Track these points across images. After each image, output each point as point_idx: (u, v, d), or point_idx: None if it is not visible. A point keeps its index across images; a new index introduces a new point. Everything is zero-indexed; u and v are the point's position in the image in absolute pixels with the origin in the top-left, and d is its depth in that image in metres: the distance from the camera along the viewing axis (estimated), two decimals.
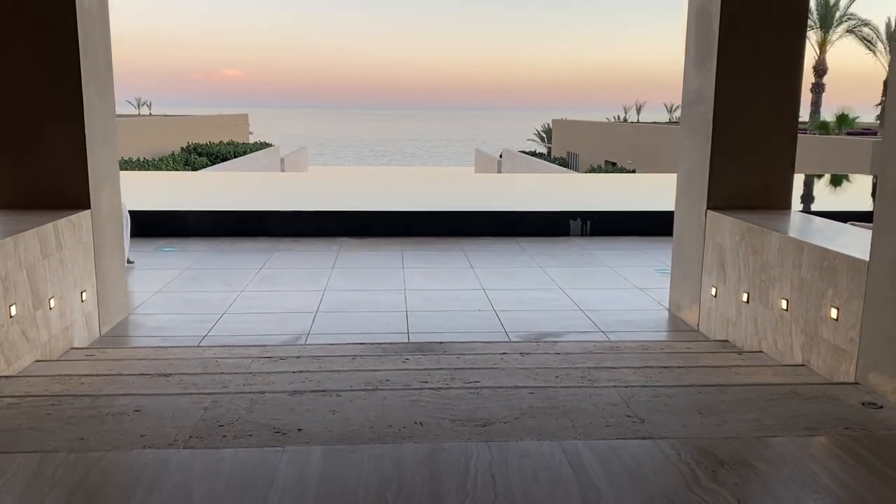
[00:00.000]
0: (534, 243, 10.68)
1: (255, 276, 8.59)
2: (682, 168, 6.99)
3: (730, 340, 5.99)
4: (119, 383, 4.41)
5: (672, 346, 5.82)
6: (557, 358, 5.19)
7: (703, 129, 6.46)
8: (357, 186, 17.07)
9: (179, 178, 19.94)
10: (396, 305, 7.34)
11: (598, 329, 6.61)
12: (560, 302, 7.51)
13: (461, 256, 9.81)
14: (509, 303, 7.45)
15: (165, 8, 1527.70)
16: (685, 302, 6.89)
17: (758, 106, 6.28)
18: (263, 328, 6.55)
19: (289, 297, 7.64)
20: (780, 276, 5.21)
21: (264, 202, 13.39)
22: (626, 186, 17.55)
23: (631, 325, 6.78)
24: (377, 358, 5.12)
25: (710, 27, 6.31)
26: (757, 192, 6.41)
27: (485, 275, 8.70)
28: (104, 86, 6.36)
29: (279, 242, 10.59)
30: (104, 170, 6.38)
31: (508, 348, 5.60)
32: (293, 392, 4.11)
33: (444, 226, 11.35)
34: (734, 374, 4.70)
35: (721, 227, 6.14)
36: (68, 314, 5.64)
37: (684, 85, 6.89)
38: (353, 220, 11.39)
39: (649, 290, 8.03)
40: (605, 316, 7.01)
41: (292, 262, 9.39)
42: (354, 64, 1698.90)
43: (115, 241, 6.66)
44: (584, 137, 51.37)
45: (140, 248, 10.02)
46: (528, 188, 16.71)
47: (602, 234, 11.37)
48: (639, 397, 4.07)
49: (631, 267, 9.15)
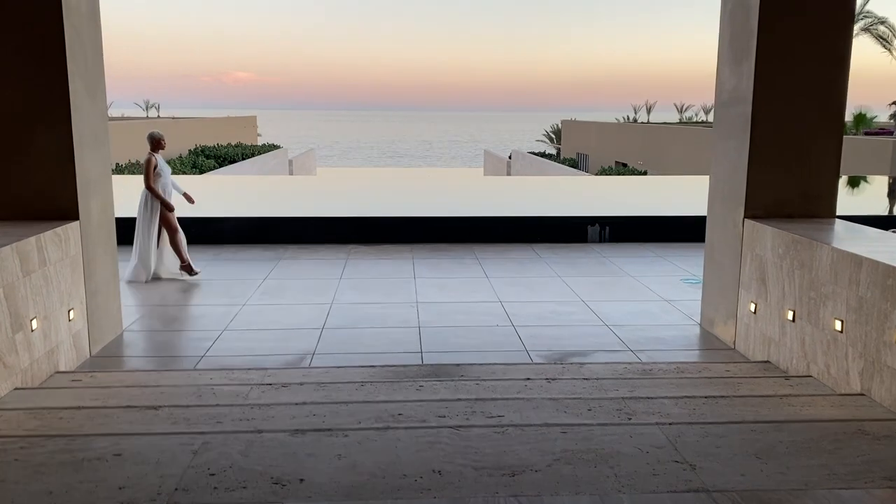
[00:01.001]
0: (551, 250, 10.19)
1: (259, 287, 8.14)
2: (715, 173, 6.50)
3: (772, 362, 5.49)
4: (102, 418, 3.96)
5: (710, 369, 5.32)
6: (587, 385, 4.71)
7: (739, 132, 5.96)
8: (366, 190, 16.62)
9: (183, 183, 19.52)
10: (408, 320, 6.87)
11: (627, 347, 6.12)
12: (583, 316, 7.02)
13: (475, 265, 9.33)
14: (529, 317, 6.97)
15: (175, 10, 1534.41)
16: (719, 317, 6.39)
17: (800, 106, 5.79)
18: (266, 347, 6.10)
19: (294, 311, 7.18)
20: (832, 294, 4.71)
21: (271, 207, 12.95)
22: (644, 189, 17.02)
23: (661, 342, 6.29)
24: (388, 385, 4.65)
25: (748, 22, 5.81)
26: (799, 198, 5.91)
27: (501, 285, 8.22)
28: (94, 86, 5.92)
29: (285, 250, 10.14)
30: (95, 176, 5.94)
31: (532, 372, 5.12)
32: (295, 431, 3.64)
33: (457, 231, 10.88)
34: (787, 406, 4.21)
35: (761, 238, 5.64)
36: (53, 335, 5.20)
37: (717, 84, 6.39)
38: (362, 226, 10.93)
39: (677, 302, 7.53)
40: (632, 332, 6.52)
41: (298, 271, 8.94)
42: (363, 65, 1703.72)
43: (108, 253, 6.22)
44: (593, 138, 50.78)
45: None
46: (541, 192, 16.22)
47: (621, 240, 10.87)
48: (686, 437, 3.59)
49: (655, 276, 8.65)
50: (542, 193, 15.51)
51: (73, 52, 5.52)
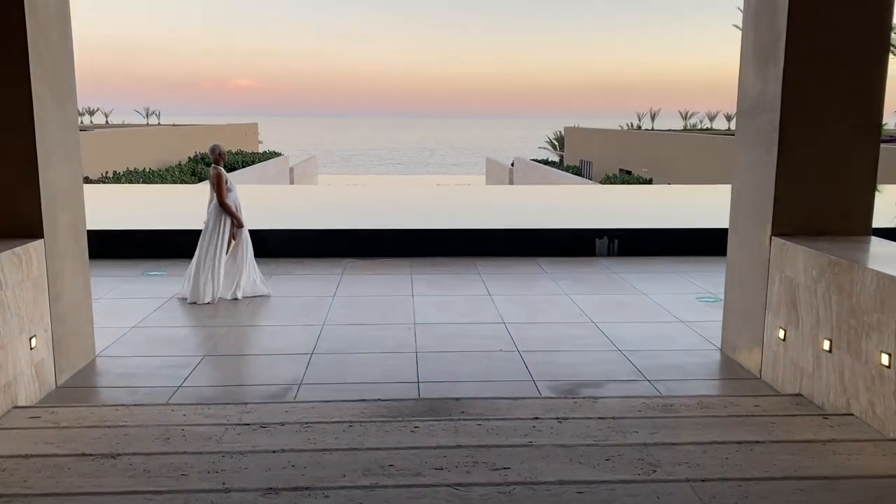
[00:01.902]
0: (556, 265, 9.68)
1: (248, 305, 7.64)
2: (738, 185, 5.99)
3: (804, 395, 4.98)
4: (50, 470, 3.45)
5: (737, 404, 4.81)
6: (603, 425, 4.19)
7: (766, 141, 5.46)
8: (364, 200, 16.12)
9: (175, 193, 19.03)
10: (405, 344, 6.36)
11: (643, 376, 5.61)
12: (593, 340, 6.51)
13: (477, 280, 8.83)
14: (535, 341, 6.46)
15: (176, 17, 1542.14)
16: (743, 343, 5.88)
17: (833, 111, 5.29)
18: (249, 375, 5.60)
19: (282, 334, 6.68)
20: (878, 324, 4.20)
21: (264, 219, 12.43)
22: (653, 199, 16.52)
23: (680, 370, 5.77)
24: (379, 426, 4.14)
25: (775, 22, 5.32)
26: (832, 214, 5.40)
27: (504, 304, 7.71)
28: (63, 93, 5.44)
29: (278, 264, 9.64)
30: (62, 190, 5.45)
31: (540, 409, 4.60)
32: (268, 490, 3.14)
33: (458, 244, 10.37)
34: (832, 455, 3.69)
35: (792, 259, 5.13)
36: (10, 367, 4.69)
37: (740, 90, 5.90)
38: (358, 239, 10.43)
39: (694, 323, 7.01)
40: (647, 359, 6.01)
41: (290, 287, 8.44)
42: (366, 71, 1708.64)
43: (79, 273, 5.72)
44: (597, 145, 50.28)
45: (123, 273, 9.12)
46: (546, 201, 15.71)
47: (631, 253, 10.35)
48: (723, 498, 3.08)
49: (668, 294, 8.13)
50: (547, 203, 14.99)
51: (37, 53, 5.04)
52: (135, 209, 13.81)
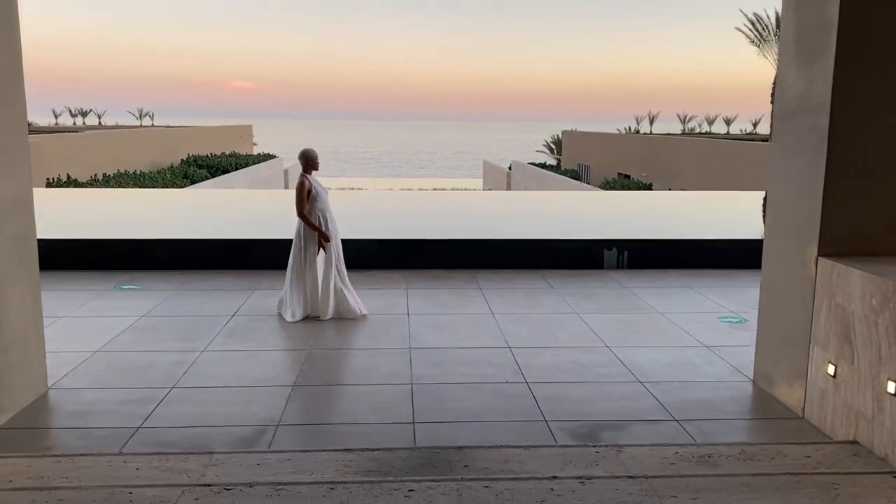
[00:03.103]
0: (563, 279, 8.99)
1: (225, 326, 6.93)
2: (775, 198, 5.32)
3: (861, 443, 4.29)
4: None
5: (785, 455, 4.12)
6: (634, 487, 3.50)
7: (811, 148, 4.79)
8: (357, 207, 15.42)
9: (159, 197, 18.29)
10: (398, 374, 5.67)
11: (670, 415, 4.92)
12: (610, 369, 5.82)
13: (478, 297, 8.14)
14: (545, 370, 5.77)
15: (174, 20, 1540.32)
16: (781, 376, 5.20)
17: (892, 116, 4.61)
18: (220, 414, 4.89)
19: (261, 361, 5.97)
20: None
21: (250, 227, 11.74)
22: (660, 206, 15.86)
23: (711, 408, 5.09)
24: (367, 489, 3.44)
25: (825, 8, 4.65)
26: (887, 232, 4.73)
27: (509, 324, 7.02)
28: (7, 95, 4.74)
29: (263, 277, 8.93)
30: (7, 202, 4.75)
31: (558, 462, 3.91)
32: None
33: (457, 255, 9.68)
34: None
35: (844, 283, 4.45)
36: None
37: (779, 90, 5.23)
38: (350, 250, 9.69)
39: (719, 349, 6.33)
40: (673, 392, 5.32)
41: (274, 305, 7.72)
42: (364, 74, 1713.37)
43: (27, 296, 5.02)
44: (595, 149, 49.61)
45: (95, 286, 8.41)
46: (549, 209, 15.03)
47: (642, 266, 9.67)
48: None
49: (687, 314, 7.45)
50: (551, 211, 14.28)
51: None
52: (118, 215, 13.09)
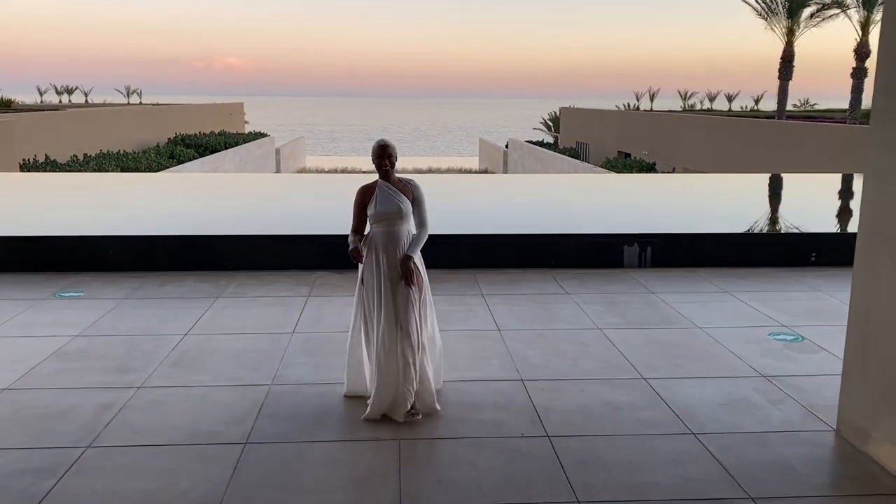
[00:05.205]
0: (578, 280, 7.76)
1: (175, 348, 5.69)
2: (873, 197, 4.07)
3: None
4: None
5: None
6: None
7: None
8: (343, 193, 14.07)
9: (123, 182, 16.89)
10: (383, 424, 4.43)
11: (740, 488, 3.71)
12: (652, 413, 4.60)
13: (480, 305, 6.91)
14: (569, 415, 4.54)
15: None
16: (882, 433, 3.98)
17: None
18: (141, 489, 3.67)
19: (210, 403, 4.73)
20: None
21: (220, 220, 10.43)
22: (674, 190, 14.59)
23: (791, 475, 3.87)
24: None
25: None
26: None
27: (519, 345, 5.80)
28: None
29: (230, 280, 7.69)
30: None
31: None
32: None
33: (455, 252, 8.42)
34: None
35: None
36: None
37: (881, 61, 3.97)
38: (332, 247, 8.37)
39: (779, 378, 5.13)
40: (736, 450, 4.11)
41: (238, 317, 6.49)
42: (358, 51, 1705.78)
43: None
44: (594, 126, 48.07)
45: (32, 294, 7.15)
46: (556, 197, 13.74)
47: (666, 264, 8.43)
48: None
49: (730, 328, 6.22)
50: (558, 199, 12.93)
51: None
52: (69, 206, 11.78)
